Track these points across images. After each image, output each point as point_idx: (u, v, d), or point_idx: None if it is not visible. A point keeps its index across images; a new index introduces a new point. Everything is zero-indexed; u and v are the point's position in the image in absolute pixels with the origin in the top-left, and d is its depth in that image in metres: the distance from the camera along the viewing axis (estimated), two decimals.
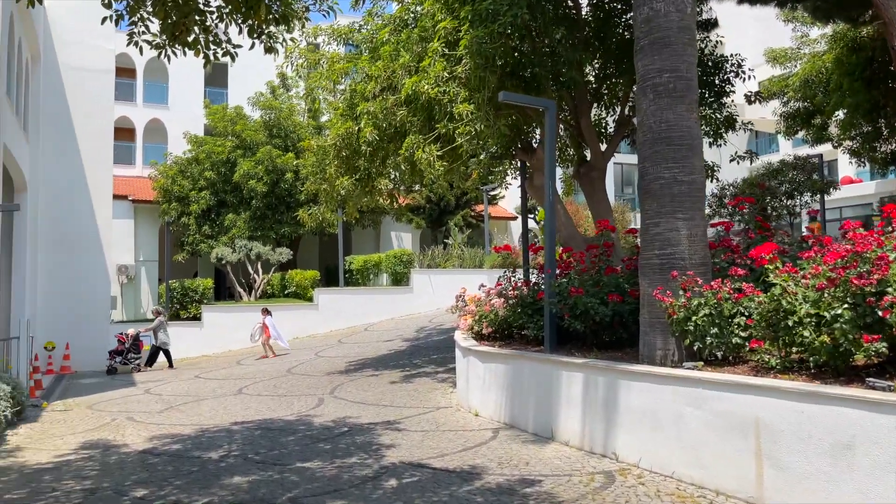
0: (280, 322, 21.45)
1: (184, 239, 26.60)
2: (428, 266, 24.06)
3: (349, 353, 16.91)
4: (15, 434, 9.68)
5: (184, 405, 11.69)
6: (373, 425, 9.23)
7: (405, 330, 19.54)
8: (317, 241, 31.13)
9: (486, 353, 9.41)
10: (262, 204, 25.59)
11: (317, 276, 23.20)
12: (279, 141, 26.99)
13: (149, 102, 32.15)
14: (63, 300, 18.48)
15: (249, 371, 15.71)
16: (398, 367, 14.13)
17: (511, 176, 17.12)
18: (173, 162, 27.49)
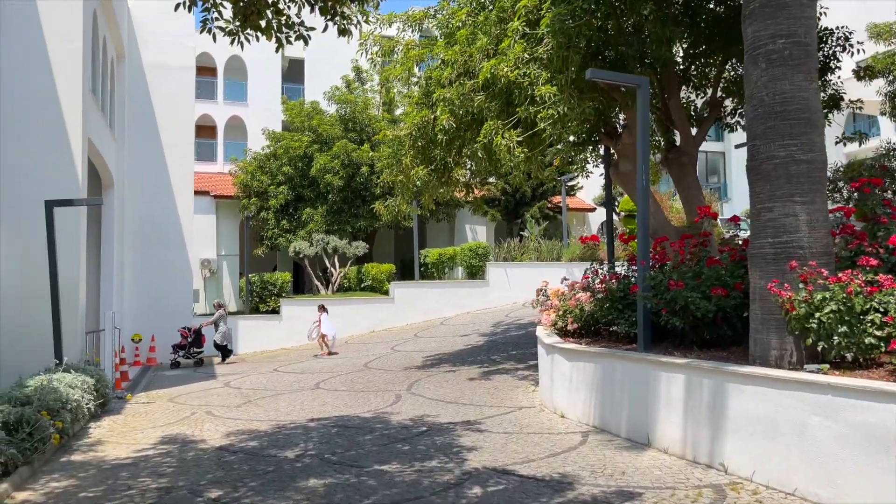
0: (356, 316, 21.33)
1: (263, 233, 26.88)
2: (503, 259, 23.44)
3: (425, 347, 16.51)
4: (98, 427, 9.67)
5: (261, 399, 11.52)
6: (452, 425, 8.74)
7: (481, 324, 19.02)
8: (392, 235, 30.97)
9: (572, 351, 8.76)
10: (338, 198, 25.54)
11: (392, 269, 22.95)
12: (354, 135, 26.88)
13: (229, 100, 32.70)
14: (148, 294, 18.82)
15: (326, 365, 15.51)
16: (476, 363, 13.61)
17: (592, 164, 16.29)
18: (252, 157, 27.78)
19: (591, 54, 10.89)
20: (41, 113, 12.27)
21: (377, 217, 26.08)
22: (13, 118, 12.16)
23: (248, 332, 20.37)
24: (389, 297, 22.00)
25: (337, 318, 21.03)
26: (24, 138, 12.17)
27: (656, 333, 8.17)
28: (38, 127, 12.26)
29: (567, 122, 10.37)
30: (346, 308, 21.35)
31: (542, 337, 9.94)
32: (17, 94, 12.23)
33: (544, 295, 11.72)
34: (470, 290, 22.61)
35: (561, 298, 10.28)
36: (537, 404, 9.82)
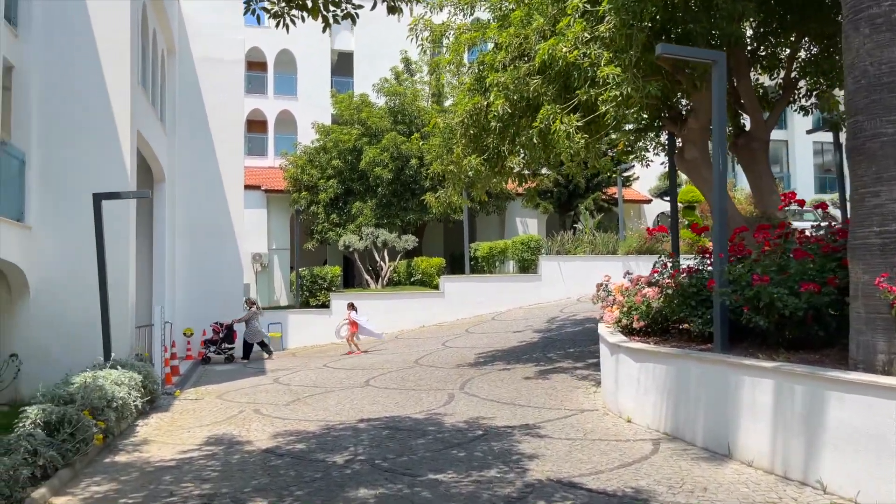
0: (406, 310, 20.90)
1: (313, 227, 26.71)
2: (556, 253, 22.69)
3: (477, 343, 15.95)
4: (145, 424, 9.41)
5: (311, 397, 11.13)
6: (510, 429, 8.16)
7: (535, 320, 18.35)
8: (441, 229, 30.48)
9: (641, 352, 8.07)
10: (387, 191, 25.16)
11: (442, 263, 22.44)
12: (403, 127, 26.45)
13: (279, 94, 32.65)
14: (200, 288, 18.74)
15: (376, 361, 15.10)
16: (531, 360, 12.98)
17: (652, 152, 15.45)
18: (302, 151, 27.65)
19: (655, 32, 10.14)
20: (90, 106, 12.12)
21: (427, 210, 25.67)
22: (62, 111, 12.03)
23: (299, 327, 20.15)
24: (439, 292, 21.51)
25: (386, 313, 20.68)
26: (73, 132, 12.04)
27: (733, 332, 7.42)
28: (86, 120, 12.12)
29: (631, 105, 9.64)
30: (395, 302, 20.96)
31: (604, 335, 9.26)
32: (65, 87, 12.11)
33: (605, 290, 11.03)
34: (522, 284, 21.94)
35: (625, 294, 9.58)
36: (600, 407, 9.17)
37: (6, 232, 10.78)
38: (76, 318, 11.72)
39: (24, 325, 11.71)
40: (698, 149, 12.03)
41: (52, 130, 11.88)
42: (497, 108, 10.67)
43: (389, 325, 20.63)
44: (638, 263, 22.77)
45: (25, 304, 11.68)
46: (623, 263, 22.70)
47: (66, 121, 11.96)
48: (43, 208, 11.79)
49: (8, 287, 11.58)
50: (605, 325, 9.91)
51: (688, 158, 12.09)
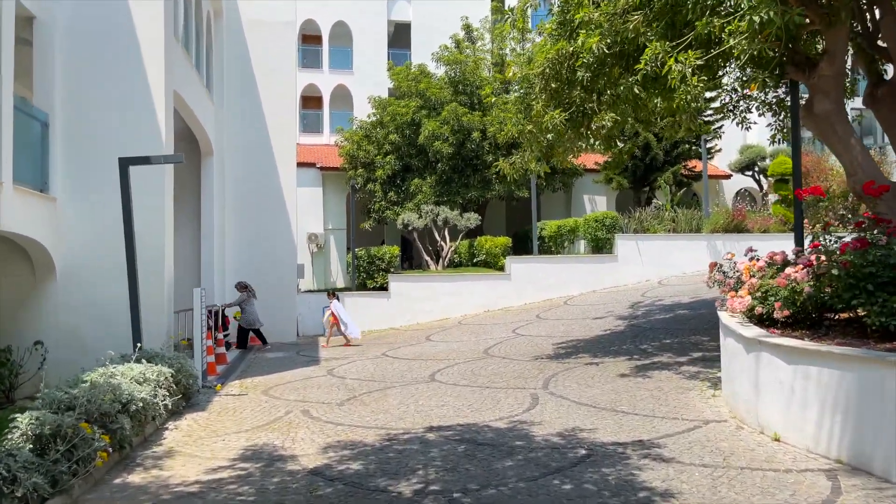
0: (469, 293, 19.15)
1: (370, 206, 25.22)
2: (634, 231, 20.52)
3: (553, 331, 14.07)
4: (175, 428, 7.90)
5: (368, 394, 9.49)
6: (620, 447, 6.31)
7: (615, 305, 16.34)
8: (503, 207, 28.55)
9: (799, 351, 6.07)
10: (447, 167, 23.39)
11: (508, 243, 20.56)
12: (465, 98, 24.56)
13: (334, 68, 31.10)
14: (251, 267, 17.36)
15: (441, 350, 13.40)
16: (622, 353, 11.05)
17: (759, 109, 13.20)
18: (358, 126, 26.13)
19: None
20: (119, 61, 10.66)
21: (489, 186, 23.80)
22: (89, 67, 10.60)
23: (356, 310, 18.59)
24: (505, 274, 19.66)
25: (448, 296, 18.98)
26: (102, 90, 10.61)
27: None
28: (116, 77, 10.67)
29: (768, 37, 7.54)
30: (458, 285, 19.22)
31: (732, 326, 7.27)
32: (92, 40, 10.65)
33: (720, 272, 9.01)
34: (595, 265, 19.89)
35: (760, 275, 7.56)
36: (727, 416, 7.22)
37: (28, 204, 9.42)
38: (109, 302, 10.35)
39: (52, 310, 10.40)
40: (831, 100, 9.81)
41: (79, 89, 10.47)
42: (592, 46, 8.70)
43: (451, 309, 18.93)
44: (724, 243, 20.49)
45: (52, 286, 10.36)
46: (708, 243, 20.48)
47: (93, 78, 10.54)
48: (69, 177, 10.41)
49: (32, 267, 10.28)
50: (729, 313, 7.91)
51: (817, 112, 9.89)
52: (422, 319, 18.77)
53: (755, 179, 28.81)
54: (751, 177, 28.80)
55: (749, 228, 20.72)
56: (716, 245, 20.43)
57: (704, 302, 14.62)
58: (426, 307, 18.90)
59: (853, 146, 9.70)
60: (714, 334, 11.46)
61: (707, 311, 13.53)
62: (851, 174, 9.71)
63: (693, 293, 16.20)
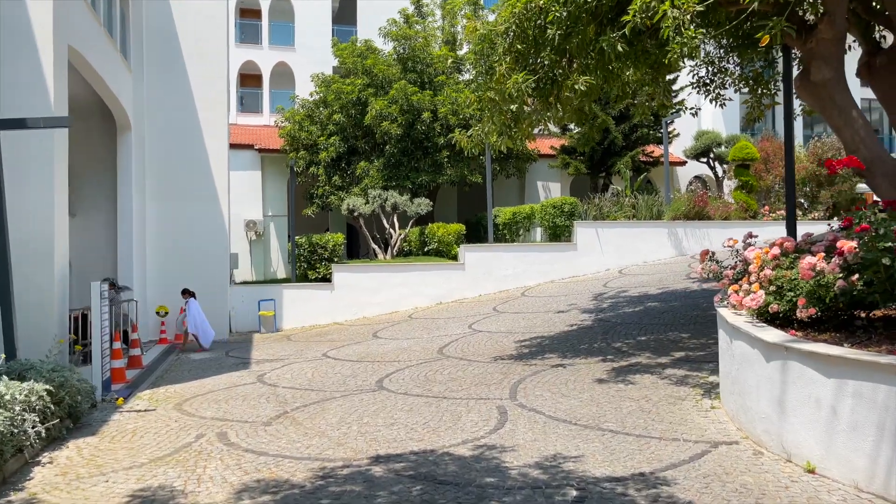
0: (420, 284, 17.65)
1: (313, 191, 23.43)
2: (594, 218, 19.33)
3: (513, 326, 12.70)
4: (51, 462, 6.17)
5: (302, 409, 7.91)
6: (619, 485, 4.93)
7: (577, 297, 15.08)
8: (455, 193, 27.11)
9: (844, 361, 4.75)
10: (396, 149, 21.78)
11: (461, 230, 19.11)
12: (414, 76, 22.96)
13: (275, 45, 29.07)
14: (174, 257, 15.48)
15: (390, 349, 11.89)
16: (594, 353, 9.73)
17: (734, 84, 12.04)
18: (300, 106, 24.25)
19: None
20: None
21: (441, 170, 22.28)
22: None
23: (295, 304, 16.92)
24: (459, 263, 18.23)
25: (398, 288, 17.44)
26: None
27: None
28: None
29: None
30: (408, 275, 17.69)
31: (745, 328, 5.96)
32: None
33: (713, 260, 7.73)
34: (554, 254, 18.64)
35: (774, 266, 6.27)
36: (737, 436, 5.93)
37: None
38: None
39: None
40: (831, 67, 8.62)
41: None
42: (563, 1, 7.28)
43: (401, 302, 17.40)
44: (686, 230, 19.53)
45: None
46: (669, 230, 19.46)
47: None
48: None
49: None
50: (733, 311, 6.63)
51: (816, 80, 8.68)
52: (369, 313, 17.21)
53: (710, 166, 28.07)
54: (706, 163, 28.05)
55: (710, 215, 19.79)
56: (677, 232, 19.44)
57: (675, 293, 13.48)
58: (374, 300, 17.34)
59: (855, 119, 8.54)
60: (695, 330, 10.26)
61: (680, 304, 12.37)
62: (853, 150, 8.54)
63: (659, 283, 15.07)
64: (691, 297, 12.76)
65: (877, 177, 8.38)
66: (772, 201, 21.26)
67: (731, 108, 30.14)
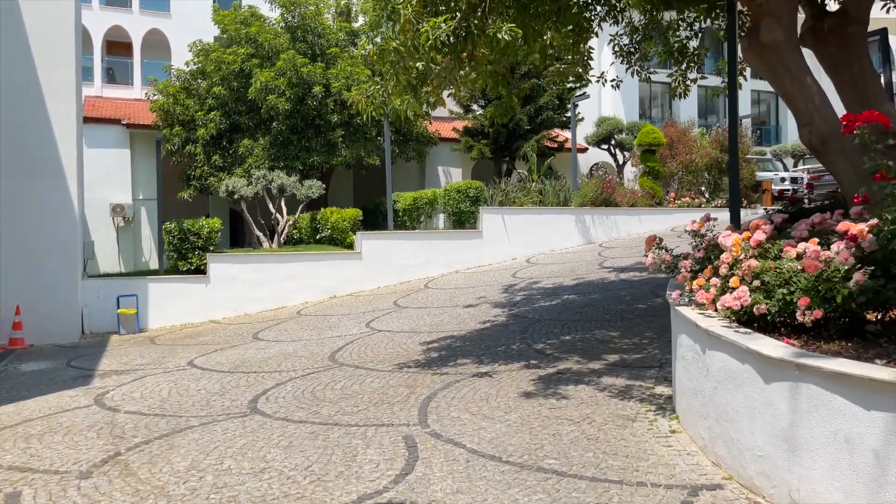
0: (311, 276, 15.65)
1: (190, 172, 20.83)
2: (500, 204, 17.97)
3: (418, 324, 11.04)
4: None
5: (143, 447, 5.89)
6: None
7: (486, 289, 13.62)
8: (350, 177, 25.14)
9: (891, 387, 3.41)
10: (284, 126, 19.59)
11: (358, 215, 17.21)
12: (304, 46, 20.78)
13: (147, 10, 25.93)
14: (13, 247, 12.74)
15: (272, 355, 9.93)
16: (515, 357, 8.23)
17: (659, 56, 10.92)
18: (175, 77, 21.50)
19: None
20: None
21: (335, 151, 20.17)
22: None
23: (164, 301, 14.49)
24: (355, 252, 16.37)
25: (285, 280, 15.38)
26: None
27: None
28: None
29: None
30: (297, 266, 15.64)
31: (729, 336, 4.52)
32: None
33: (661, 247, 6.37)
34: (459, 242, 17.13)
35: (758, 254, 4.90)
36: (717, 476, 4.52)
37: None
38: None
39: None
40: (784, 27, 7.45)
41: None
42: None
43: (289, 296, 15.36)
44: (594, 217, 18.56)
45: None
46: (577, 217, 18.43)
47: None
48: None
49: None
50: (699, 310, 5.24)
51: (766, 42, 7.47)
52: (251, 309, 15.04)
53: (611, 153, 27.52)
54: (607, 150, 27.48)
55: (618, 202, 18.93)
56: (585, 220, 18.44)
57: (592, 285, 12.26)
58: (257, 294, 15.18)
59: (809, 86, 7.38)
60: (623, 328, 8.96)
61: (600, 297, 11.12)
62: (806, 122, 7.38)
63: (572, 274, 13.86)
64: (611, 290, 11.55)
65: (832, 153, 7.28)
66: (677, 188, 20.73)
67: (632, 95, 29.84)
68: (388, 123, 17.77)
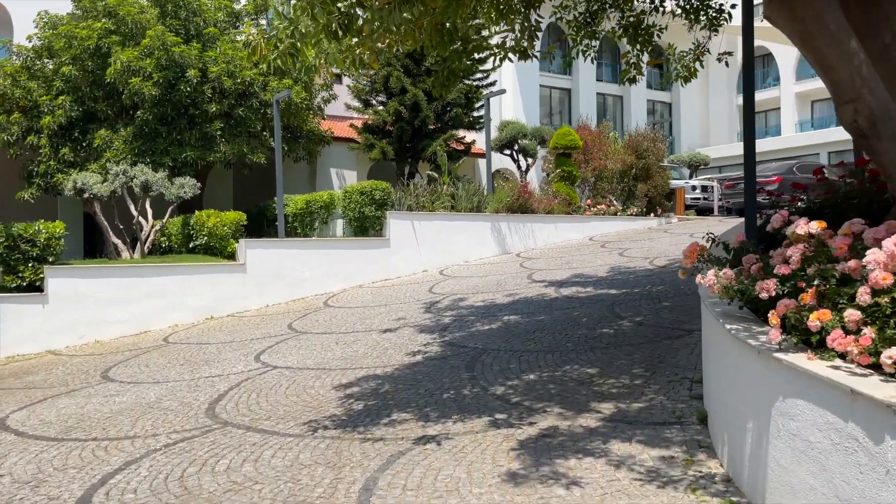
0: (183, 293, 12.68)
1: (33, 168, 17.12)
2: (409, 209, 15.70)
3: (326, 357, 8.53)
4: None
5: None
6: None
7: (402, 307, 11.29)
8: (231, 177, 21.99)
9: None
10: (151, 116, 16.37)
11: (241, 219, 14.34)
12: (176, 24, 17.62)
13: None
14: None
15: (123, 406, 7.12)
16: (472, 408, 5.97)
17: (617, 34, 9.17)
18: (14, 55, 17.71)
19: None
20: None
21: (213, 146, 17.03)
22: None
23: None
24: (238, 264, 13.53)
25: (150, 298, 12.36)
26: None
27: None
28: None
29: None
30: (166, 281, 12.62)
31: None
32: None
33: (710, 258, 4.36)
34: (363, 252, 14.69)
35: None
36: None
37: None
38: None
39: None
40: None
41: None
42: None
43: (155, 318, 12.32)
44: (510, 225, 16.71)
45: None
46: (492, 224, 16.52)
47: None
48: None
49: None
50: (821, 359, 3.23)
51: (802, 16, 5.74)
52: (105, 335, 11.87)
53: (514, 159, 26.01)
54: (510, 156, 25.94)
55: (535, 209, 17.21)
56: (500, 227, 16.55)
57: (532, 303, 10.25)
58: (113, 315, 12.03)
59: (853, 52, 5.63)
60: (601, 361, 6.93)
61: (549, 318, 9.09)
62: (850, 98, 5.61)
63: (501, 289, 11.82)
64: (558, 309, 9.57)
65: (883, 139, 5.59)
66: (591, 195, 19.35)
67: (532, 99, 28.59)
68: (278, 110, 15.08)
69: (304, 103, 18.46)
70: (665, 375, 6.22)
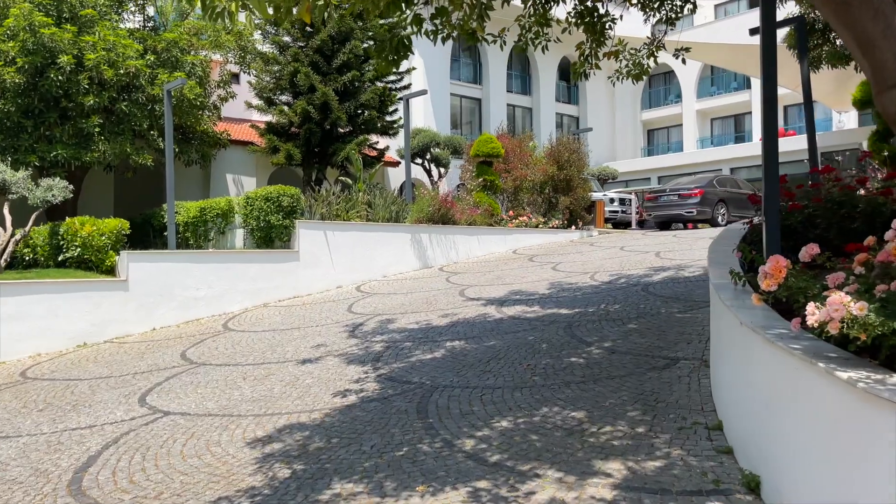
0: (46, 317, 10.41)
1: None
2: (322, 218, 14.00)
3: (233, 399, 6.78)
4: None
5: None
6: None
7: (319, 331, 9.63)
8: (112, 181, 19.37)
9: None
10: (13, 106, 13.86)
11: (124, 228, 12.14)
12: (47, 1, 15.10)
13: None
14: None
15: None
16: (438, 472, 4.52)
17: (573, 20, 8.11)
18: None
19: None
20: None
21: (90, 144, 14.64)
22: None
23: None
24: (119, 280, 11.36)
25: (7, 323, 10.03)
26: None
27: None
28: None
29: None
30: (26, 301, 10.31)
31: None
32: None
33: None
34: (269, 266, 12.84)
35: None
36: None
37: None
38: None
39: None
40: None
41: None
42: None
43: (10, 347, 9.99)
44: (431, 237, 15.37)
45: None
46: (413, 236, 15.11)
47: None
48: None
49: None
50: None
51: None
52: None
53: (426, 169, 24.79)
54: (421, 165, 24.69)
55: (457, 220, 15.95)
56: (421, 239, 15.16)
57: (475, 325, 8.88)
58: None
59: None
60: (586, 400, 5.65)
61: (502, 344, 7.75)
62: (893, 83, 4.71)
63: (433, 308, 10.40)
64: (509, 332, 8.27)
65: None
66: (514, 206, 18.35)
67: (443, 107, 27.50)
68: (169, 101, 13.03)
69: (199, 100, 16.41)
70: (670, 419, 5.03)
